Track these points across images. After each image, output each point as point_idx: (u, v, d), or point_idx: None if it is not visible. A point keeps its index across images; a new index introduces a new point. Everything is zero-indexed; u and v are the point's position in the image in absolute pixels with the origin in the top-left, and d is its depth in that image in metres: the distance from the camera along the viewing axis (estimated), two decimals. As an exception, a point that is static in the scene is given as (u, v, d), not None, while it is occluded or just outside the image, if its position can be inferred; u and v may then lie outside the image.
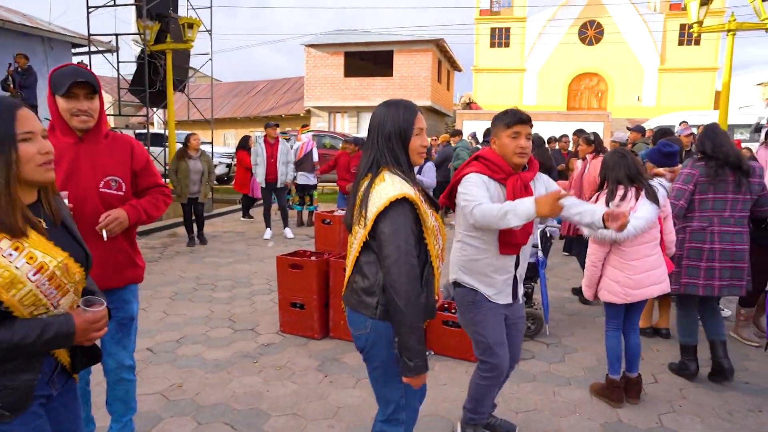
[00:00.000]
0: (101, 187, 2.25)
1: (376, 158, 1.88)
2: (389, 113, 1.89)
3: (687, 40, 29.74)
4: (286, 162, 8.30)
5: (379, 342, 1.90)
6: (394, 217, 1.77)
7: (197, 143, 7.79)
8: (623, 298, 3.17)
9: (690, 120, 15.09)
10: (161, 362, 3.88)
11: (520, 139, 2.43)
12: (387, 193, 1.78)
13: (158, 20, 10.95)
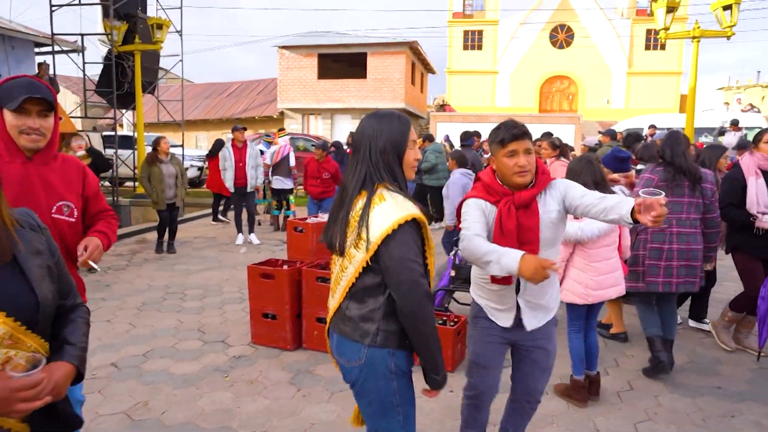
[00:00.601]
0: (54, 212, 2.05)
1: (369, 174, 1.76)
2: (383, 126, 1.78)
3: (653, 45, 30.47)
4: (255, 166, 8.13)
5: (375, 373, 1.78)
6: (403, 239, 1.68)
7: (167, 147, 7.59)
8: (585, 298, 3.27)
9: (658, 123, 15.42)
10: (126, 378, 3.72)
11: (517, 157, 2.20)
12: (393, 214, 1.67)
13: (126, 20, 10.67)
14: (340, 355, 1.85)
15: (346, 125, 24.15)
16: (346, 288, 1.78)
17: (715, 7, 8.75)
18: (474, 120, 20.72)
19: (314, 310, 4.14)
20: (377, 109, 1.91)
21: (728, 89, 32.44)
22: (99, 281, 6.18)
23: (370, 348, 1.77)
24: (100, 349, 4.21)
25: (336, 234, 1.80)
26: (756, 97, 29.15)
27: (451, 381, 3.65)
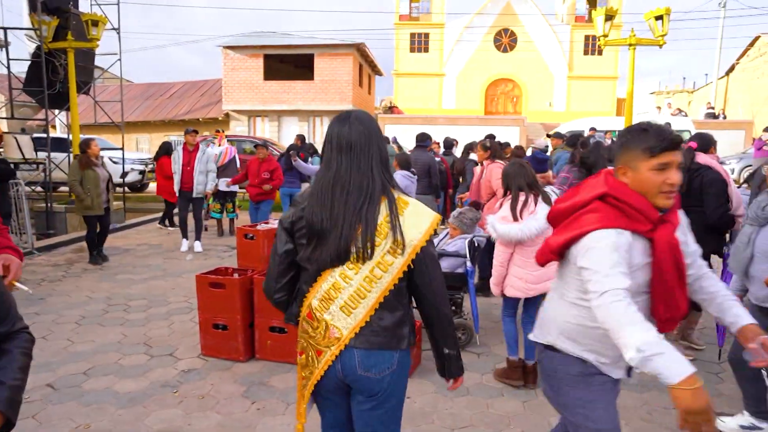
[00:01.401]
0: None
1: (384, 179, 1.73)
2: (373, 131, 1.76)
3: (591, 50, 31.77)
4: (205, 171, 7.76)
5: (402, 375, 1.81)
6: (430, 237, 1.76)
7: (98, 149, 7.14)
8: (525, 292, 3.55)
9: (598, 126, 16.06)
10: (65, 400, 3.48)
11: (670, 172, 1.69)
12: (427, 215, 1.73)
13: (56, 15, 10.06)
14: (368, 370, 1.71)
15: (294, 127, 23.85)
16: (380, 298, 1.68)
17: (648, 17, 9.21)
18: (421, 122, 20.90)
19: (267, 320, 4.02)
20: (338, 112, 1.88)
21: (659, 94, 34.29)
22: (32, 295, 5.80)
23: (402, 351, 1.77)
24: (34, 369, 3.88)
25: (365, 240, 1.65)
26: (683, 101, 30.99)
27: (408, 387, 3.63)
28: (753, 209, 2.90)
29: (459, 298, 4.55)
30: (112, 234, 9.49)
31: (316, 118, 23.97)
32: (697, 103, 29.22)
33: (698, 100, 29.40)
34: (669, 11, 9.06)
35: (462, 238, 4.55)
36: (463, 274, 4.40)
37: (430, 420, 3.25)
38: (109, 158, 14.47)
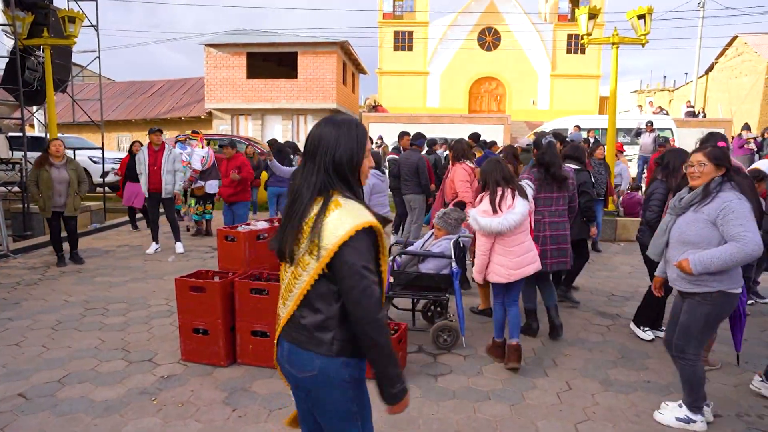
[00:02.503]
0: None
1: (325, 182, 1.71)
2: (341, 136, 1.72)
3: (574, 49, 31.99)
4: (173, 171, 7.57)
5: (329, 384, 1.73)
6: (358, 246, 1.64)
7: (60, 150, 6.90)
8: (507, 277, 3.88)
9: (582, 124, 16.16)
10: (37, 411, 3.35)
11: None
12: (350, 221, 1.64)
13: (32, 11, 9.80)
14: (291, 365, 1.78)
15: (278, 126, 23.66)
16: (300, 296, 1.73)
17: (631, 16, 9.23)
18: (406, 120, 20.86)
19: (249, 323, 3.93)
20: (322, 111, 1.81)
21: (641, 92, 34.63)
22: (5, 299, 5.63)
23: (324, 358, 1.72)
24: (5, 377, 3.79)
25: (287, 241, 1.73)
26: (664, 100, 31.33)
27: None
28: (673, 201, 3.21)
29: (445, 299, 4.49)
30: (91, 235, 9.31)
31: (300, 116, 23.79)
32: (677, 102, 29.58)
33: (679, 99, 29.76)
34: (651, 10, 9.09)
35: (447, 238, 4.49)
36: (448, 275, 4.35)
37: (416, 425, 3.19)
38: (89, 158, 14.22)
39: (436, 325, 4.36)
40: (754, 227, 2.86)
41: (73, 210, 7.04)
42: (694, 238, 2.99)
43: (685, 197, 3.10)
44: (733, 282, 3.00)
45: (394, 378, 1.70)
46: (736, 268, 2.97)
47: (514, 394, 3.59)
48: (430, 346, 4.36)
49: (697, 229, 2.98)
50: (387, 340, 1.66)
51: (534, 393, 3.61)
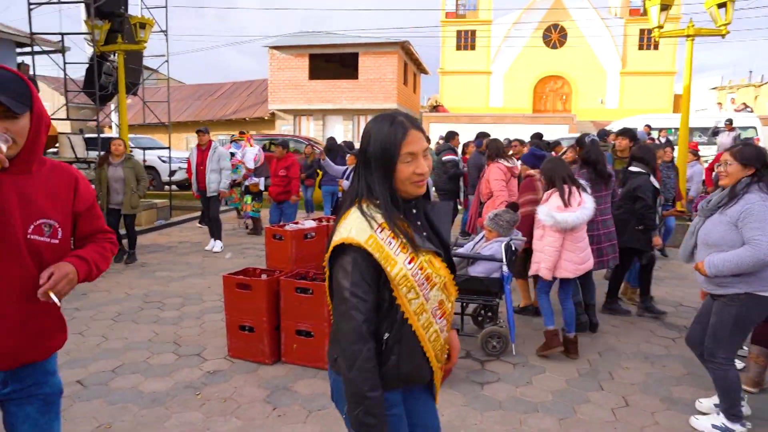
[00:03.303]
0: (30, 232, 1.71)
1: (356, 187, 1.58)
2: (374, 131, 1.55)
3: (647, 44, 30.39)
4: (218, 169, 7.68)
5: (340, 398, 1.61)
6: (341, 263, 1.51)
7: (119, 148, 7.03)
8: (575, 272, 4.04)
9: (652, 123, 15.29)
10: (91, 397, 3.49)
11: None
12: (337, 235, 1.52)
13: (108, 20, 10.40)
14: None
15: (338, 126, 23.96)
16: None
17: (709, 5, 8.58)
18: (467, 120, 20.57)
19: (293, 323, 3.92)
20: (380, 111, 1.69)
21: (721, 89, 32.41)
22: (76, 289, 5.92)
23: (333, 374, 1.64)
24: (67, 365, 3.97)
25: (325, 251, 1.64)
26: (749, 96, 29.13)
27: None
28: (701, 203, 3.19)
29: (495, 303, 4.32)
30: (156, 231, 9.73)
31: (361, 116, 23.97)
32: (764, 98, 27.44)
33: (766, 95, 27.59)
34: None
35: (498, 241, 4.31)
36: (498, 279, 4.17)
37: None
38: (159, 157, 14.94)
39: (485, 331, 4.19)
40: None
41: (130, 208, 7.06)
42: (718, 241, 2.92)
43: (714, 198, 3.04)
44: (762, 284, 2.87)
45: (358, 424, 1.47)
46: (766, 269, 2.85)
47: (565, 407, 3.37)
48: (478, 352, 4.20)
49: (721, 231, 2.91)
50: (357, 379, 1.46)
51: (587, 407, 3.38)
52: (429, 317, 1.57)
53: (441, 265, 1.60)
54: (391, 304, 1.52)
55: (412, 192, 1.56)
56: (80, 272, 1.75)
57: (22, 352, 1.75)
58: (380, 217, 1.51)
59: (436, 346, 1.62)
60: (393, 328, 1.54)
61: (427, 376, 1.66)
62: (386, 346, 1.54)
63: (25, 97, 1.67)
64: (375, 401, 1.46)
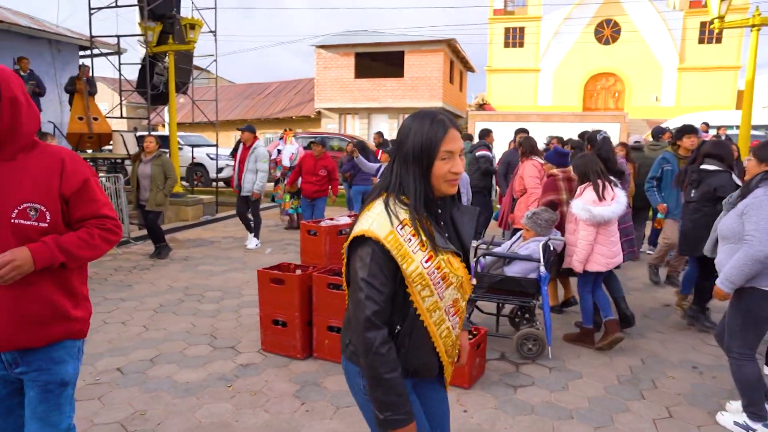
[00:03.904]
0: (14, 216, 1.72)
1: (387, 180, 1.59)
2: (413, 127, 1.55)
3: (708, 38, 28.90)
4: (254, 170, 7.70)
5: (352, 387, 1.70)
6: (360, 253, 1.53)
7: (151, 146, 7.04)
8: (606, 266, 4.10)
9: (711, 120, 14.54)
10: (129, 385, 3.59)
11: None
12: (360, 225, 1.54)
13: (160, 21, 10.77)
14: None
15: (383, 125, 23.97)
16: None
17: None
18: (514, 119, 20.12)
19: (325, 318, 3.92)
20: (420, 109, 1.66)
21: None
22: (122, 281, 6.17)
23: (345, 359, 1.69)
24: (109, 352, 4.11)
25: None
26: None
27: (467, 399, 3.37)
28: (726, 198, 3.23)
29: (532, 305, 4.18)
30: (202, 226, 10.00)
31: (406, 115, 23.86)
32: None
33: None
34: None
35: (536, 240, 4.17)
36: (535, 280, 4.03)
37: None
38: (207, 154, 15.37)
39: (521, 333, 4.06)
40: (766, 229, 2.77)
41: (154, 205, 6.99)
42: (727, 233, 3.00)
43: (735, 193, 3.16)
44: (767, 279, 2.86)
45: (380, 403, 1.51)
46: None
47: (602, 415, 3.22)
48: (513, 355, 4.08)
49: (730, 223, 2.98)
50: (374, 363, 1.49)
51: (626, 417, 3.21)
52: (442, 314, 1.60)
53: (460, 265, 1.61)
54: (405, 299, 1.55)
55: (444, 191, 1.57)
56: (38, 258, 1.71)
57: (15, 336, 1.78)
58: (404, 213, 1.52)
59: (447, 342, 1.65)
60: (405, 322, 1.56)
61: (436, 370, 1.69)
62: (397, 339, 1.57)
63: None
64: (394, 382, 1.50)
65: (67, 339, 1.91)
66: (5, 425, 1.94)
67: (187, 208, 10.23)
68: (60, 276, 1.84)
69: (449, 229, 1.65)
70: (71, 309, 1.88)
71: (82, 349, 2.03)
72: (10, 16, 12.25)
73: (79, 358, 2.00)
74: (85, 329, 1.98)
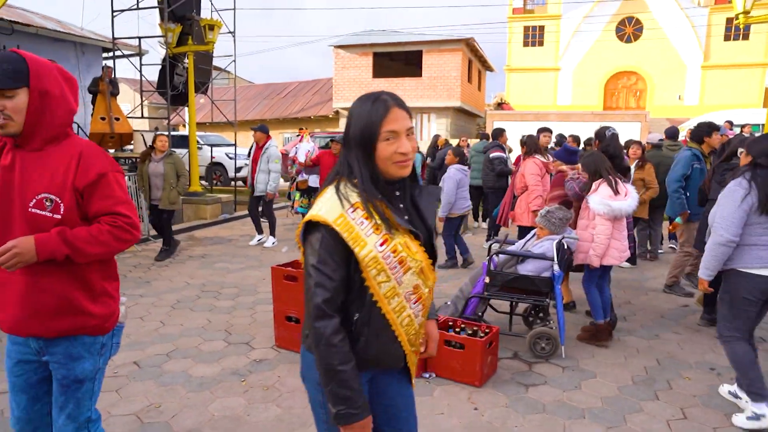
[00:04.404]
0: (32, 206, 1.76)
1: (338, 166, 1.57)
2: (356, 110, 1.52)
3: (734, 35, 28.29)
4: (266, 170, 7.73)
5: (306, 378, 1.63)
6: (310, 240, 1.50)
7: (162, 144, 7.04)
8: (620, 259, 4.19)
9: (735, 119, 14.25)
10: (145, 378, 3.66)
11: None
12: (310, 212, 1.51)
13: (180, 23, 10.92)
14: None
15: (401, 124, 23.94)
16: None
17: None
18: (532, 118, 19.94)
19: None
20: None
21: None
22: (140, 277, 6.28)
23: (304, 349, 1.61)
24: (127, 346, 4.20)
25: None
26: None
27: (478, 397, 3.37)
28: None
29: (545, 304, 4.14)
30: (219, 225, 10.12)
31: (424, 115, 23.88)
32: None
33: None
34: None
35: (549, 239, 4.15)
36: (549, 279, 4.00)
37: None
38: (226, 154, 15.55)
39: (534, 332, 4.04)
40: (729, 216, 3.03)
41: (168, 204, 6.96)
42: (711, 220, 3.19)
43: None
44: (744, 261, 3.06)
45: (333, 396, 1.47)
46: (749, 247, 3.04)
47: (615, 415, 3.18)
48: (526, 354, 4.05)
49: (712, 211, 3.18)
50: (325, 354, 1.45)
51: (639, 417, 3.17)
52: (402, 301, 1.53)
53: (418, 249, 1.55)
54: (362, 285, 1.49)
55: (394, 173, 1.52)
56: (41, 249, 1.73)
57: (27, 323, 1.83)
58: (355, 196, 1.48)
59: (410, 330, 1.59)
60: (362, 309, 1.51)
61: (400, 360, 1.63)
62: (356, 327, 1.51)
63: (20, 75, 1.74)
64: (347, 375, 1.45)
65: (83, 334, 1.91)
66: (32, 411, 1.98)
67: (205, 206, 10.36)
68: (75, 269, 1.85)
69: (411, 213, 1.60)
70: (87, 304, 1.88)
71: (111, 344, 2.03)
72: (38, 20, 12.56)
73: (102, 354, 1.99)
74: (106, 326, 1.96)
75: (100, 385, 2.05)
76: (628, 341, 4.38)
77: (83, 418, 1.98)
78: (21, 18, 11.67)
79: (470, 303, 4.24)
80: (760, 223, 3.00)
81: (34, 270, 1.79)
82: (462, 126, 25.29)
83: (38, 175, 1.80)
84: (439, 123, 23.56)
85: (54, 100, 1.81)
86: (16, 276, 1.80)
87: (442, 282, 6.11)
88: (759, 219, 3.00)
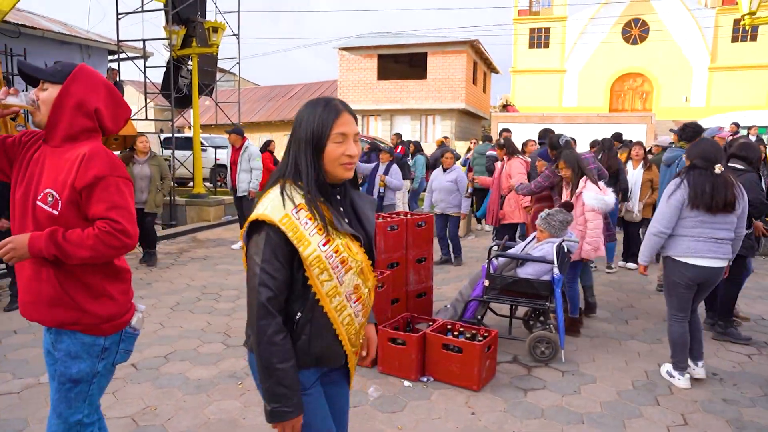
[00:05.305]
0: (39, 199, 1.86)
1: (284, 166, 1.60)
2: (306, 113, 1.58)
3: (742, 36, 28.09)
4: (248, 169, 7.68)
5: (255, 373, 1.63)
6: (255, 239, 1.53)
7: (146, 146, 6.84)
8: (602, 251, 4.45)
9: (742, 121, 14.14)
10: (142, 381, 3.65)
11: None
12: (255, 211, 1.54)
13: (185, 25, 10.96)
14: None
15: (406, 126, 23.95)
16: None
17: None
18: (537, 120, 19.89)
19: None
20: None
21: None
22: (142, 279, 6.29)
23: (249, 351, 1.64)
24: (125, 348, 4.19)
25: None
26: None
27: (475, 401, 3.33)
28: None
29: (545, 307, 4.10)
30: (223, 226, 10.14)
31: (429, 116, 23.87)
32: None
33: None
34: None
35: (550, 242, 4.10)
36: (548, 282, 3.96)
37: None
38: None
39: (533, 335, 4.00)
40: (661, 210, 3.48)
41: (154, 206, 6.82)
42: None
43: None
44: (676, 250, 3.45)
45: (268, 394, 1.51)
46: (681, 238, 3.43)
47: (614, 420, 3.14)
48: (526, 358, 4.02)
49: None
50: (264, 351, 1.48)
51: (638, 423, 3.12)
52: (342, 300, 1.57)
53: (359, 250, 1.60)
54: (304, 284, 1.53)
55: (340, 174, 1.57)
56: (32, 247, 1.80)
57: (29, 308, 1.92)
58: (300, 197, 1.53)
59: (350, 330, 1.63)
60: (305, 308, 1.54)
61: (341, 359, 1.67)
62: (298, 325, 1.55)
63: (60, 74, 1.91)
64: (285, 373, 1.48)
65: (78, 330, 1.92)
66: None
67: (209, 208, 10.38)
68: (69, 267, 1.87)
69: (350, 216, 1.66)
70: (83, 300, 1.89)
71: (117, 350, 2.03)
72: (45, 23, 12.65)
73: (103, 357, 1.98)
74: (104, 327, 1.95)
75: (99, 390, 2.03)
76: (629, 345, 4.34)
77: (73, 420, 1.97)
78: (27, 21, 11.75)
79: (470, 306, 4.21)
80: (692, 217, 3.38)
81: (39, 261, 1.87)
82: (467, 128, 25.24)
83: (50, 171, 1.89)
84: (444, 125, 23.53)
85: (69, 100, 1.90)
86: (27, 264, 1.90)
87: (442, 285, 6.09)
88: (690, 213, 3.38)
